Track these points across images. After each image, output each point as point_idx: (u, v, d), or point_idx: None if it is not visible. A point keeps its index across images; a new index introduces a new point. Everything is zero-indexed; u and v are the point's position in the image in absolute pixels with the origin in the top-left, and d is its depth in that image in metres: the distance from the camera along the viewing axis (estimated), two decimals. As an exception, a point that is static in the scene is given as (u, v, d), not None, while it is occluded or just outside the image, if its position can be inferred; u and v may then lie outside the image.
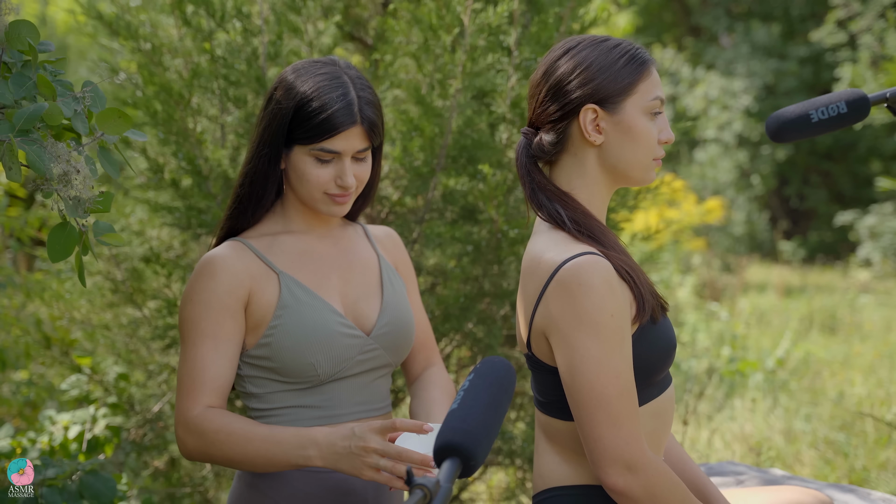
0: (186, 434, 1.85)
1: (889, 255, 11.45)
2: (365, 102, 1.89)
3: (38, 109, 1.48)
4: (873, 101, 1.96)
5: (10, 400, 3.85)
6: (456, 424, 1.28)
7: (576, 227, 1.76)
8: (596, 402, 1.67)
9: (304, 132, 1.87)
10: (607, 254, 1.74)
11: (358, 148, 1.90)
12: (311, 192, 1.92)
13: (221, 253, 1.93)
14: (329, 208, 1.94)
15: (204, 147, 2.98)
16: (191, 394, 1.86)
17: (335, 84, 1.89)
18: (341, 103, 1.86)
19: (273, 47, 2.94)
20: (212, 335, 1.88)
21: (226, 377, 1.89)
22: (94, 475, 2.38)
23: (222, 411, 1.86)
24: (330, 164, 1.90)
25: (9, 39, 1.53)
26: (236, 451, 1.82)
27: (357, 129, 1.88)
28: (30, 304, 3.78)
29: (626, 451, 1.66)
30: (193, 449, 1.86)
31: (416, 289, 2.14)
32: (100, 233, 1.61)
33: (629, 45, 1.81)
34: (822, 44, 13.50)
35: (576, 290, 1.68)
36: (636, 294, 1.73)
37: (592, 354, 1.67)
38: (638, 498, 1.68)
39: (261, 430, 1.82)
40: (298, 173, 1.91)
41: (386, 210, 3.12)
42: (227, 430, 1.82)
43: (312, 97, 1.87)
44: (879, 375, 6.08)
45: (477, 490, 3.95)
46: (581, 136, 1.79)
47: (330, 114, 1.86)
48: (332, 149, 1.88)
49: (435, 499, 1.20)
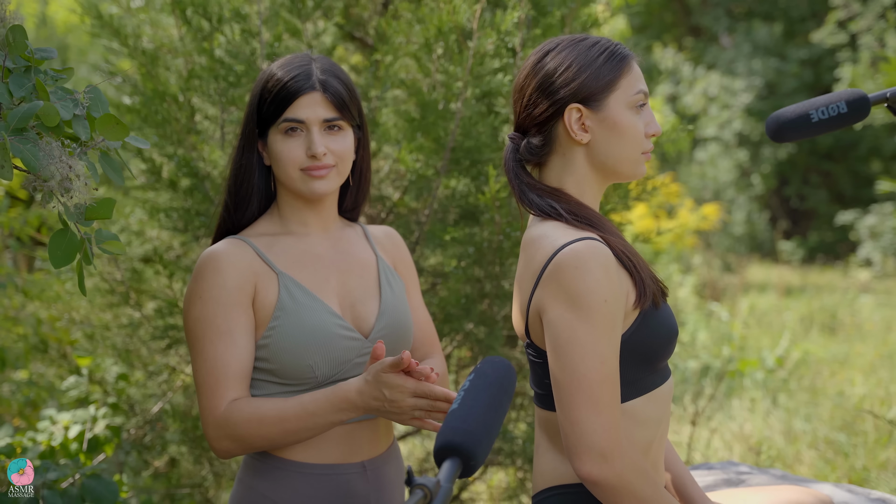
0: (219, 433, 1.85)
1: (889, 254, 11.45)
2: (326, 73, 1.94)
3: (32, 108, 1.48)
4: (873, 101, 1.96)
5: (10, 400, 3.85)
6: (456, 424, 1.28)
7: (572, 216, 1.77)
8: (577, 384, 1.67)
9: (269, 108, 1.92)
10: (607, 239, 1.74)
11: (323, 116, 1.92)
12: (287, 171, 1.93)
13: (224, 248, 1.93)
14: (308, 185, 1.94)
15: (202, 148, 2.97)
16: (215, 392, 1.85)
17: (294, 59, 1.96)
18: (299, 72, 1.92)
19: (271, 48, 2.94)
20: (227, 331, 1.87)
21: (248, 368, 1.88)
22: (96, 478, 2.38)
23: (247, 399, 1.85)
24: (300, 138, 1.92)
25: (9, 45, 1.53)
26: (273, 433, 1.83)
27: (317, 95, 1.91)
28: (29, 304, 3.78)
29: (602, 438, 1.66)
30: (231, 445, 1.85)
31: (416, 287, 2.14)
32: (102, 240, 1.61)
33: (608, 42, 1.82)
34: (823, 44, 13.50)
35: (573, 272, 1.68)
36: (636, 279, 1.74)
37: (580, 337, 1.67)
38: (612, 486, 1.68)
39: (292, 407, 1.83)
40: (275, 156, 1.94)
41: (386, 211, 3.12)
42: (258, 417, 1.83)
43: (274, 74, 1.94)
44: (879, 375, 6.08)
45: (477, 490, 3.95)
46: (568, 135, 1.80)
47: (287, 82, 1.91)
48: (294, 117, 1.91)
49: (435, 499, 1.20)
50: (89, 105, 1.58)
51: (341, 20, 3.22)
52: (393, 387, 1.76)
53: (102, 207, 1.59)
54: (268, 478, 1.92)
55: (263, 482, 1.92)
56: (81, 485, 2.35)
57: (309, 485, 1.91)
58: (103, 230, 1.62)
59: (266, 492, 1.92)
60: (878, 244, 11.58)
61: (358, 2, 3.34)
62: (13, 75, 1.53)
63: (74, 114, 1.55)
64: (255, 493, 1.93)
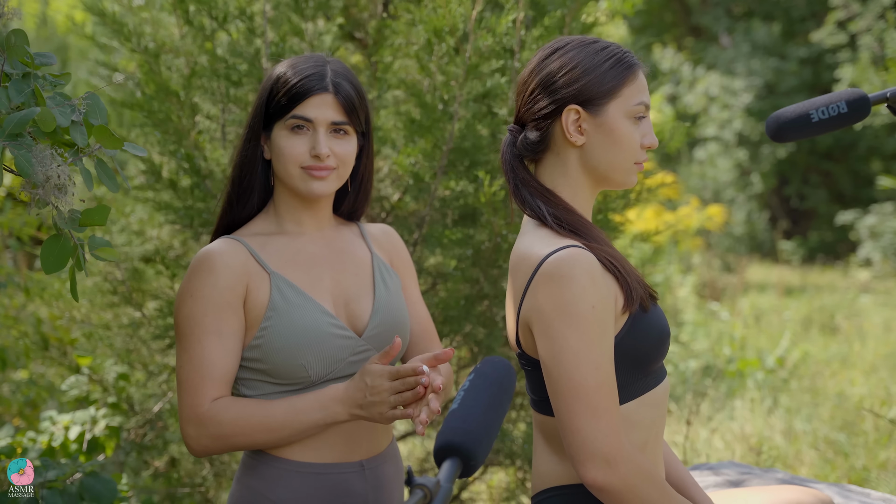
0: (199, 430, 1.85)
1: (889, 255, 11.45)
2: (339, 76, 1.94)
3: (28, 114, 1.48)
4: (873, 101, 1.96)
5: (10, 400, 3.85)
6: (456, 424, 1.28)
7: (557, 222, 1.78)
8: (574, 393, 1.67)
9: (278, 103, 1.92)
10: (591, 246, 1.75)
11: (332, 118, 1.92)
12: (287, 167, 1.93)
13: (218, 248, 1.93)
14: (307, 185, 1.93)
15: (203, 146, 2.97)
16: (199, 390, 1.86)
17: (309, 59, 1.96)
18: (313, 72, 1.92)
19: (276, 48, 2.94)
20: (215, 331, 1.87)
21: (232, 370, 1.89)
22: (95, 477, 2.38)
23: (232, 399, 1.86)
24: (305, 136, 1.92)
25: (8, 50, 1.53)
26: (259, 433, 1.84)
27: (329, 97, 1.91)
28: (30, 304, 3.79)
29: (604, 444, 1.66)
30: (210, 444, 1.86)
31: (414, 283, 2.14)
32: (95, 247, 1.61)
33: (617, 48, 1.82)
34: (823, 44, 13.50)
35: (558, 281, 1.69)
36: (622, 284, 1.74)
37: (572, 345, 1.67)
38: (618, 492, 1.68)
39: (278, 406, 1.84)
40: (277, 151, 1.94)
41: (386, 211, 3.12)
42: (244, 416, 1.84)
43: (286, 72, 1.94)
44: (879, 375, 6.08)
45: (477, 490, 3.95)
46: (563, 135, 1.81)
47: (300, 80, 1.91)
48: (303, 115, 1.90)
49: (435, 499, 1.20)
50: (87, 111, 1.58)
51: (341, 20, 3.22)
52: (373, 374, 1.78)
53: (97, 214, 1.59)
54: (266, 477, 1.92)
55: (262, 482, 1.92)
56: (80, 483, 2.35)
57: (307, 484, 1.91)
58: (96, 236, 1.62)
59: (264, 491, 1.92)
60: (878, 244, 11.58)
61: (358, 2, 3.34)
62: (13, 81, 1.53)
63: (72, 120, 1.55)
64: (253, 493, 1.93)
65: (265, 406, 1.85)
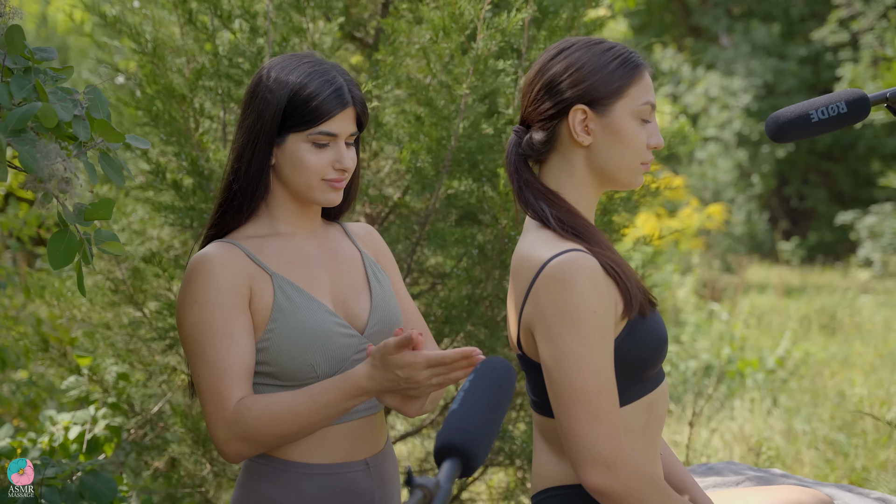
0: (229, 435, 1.82)
1: (889, 254, 11.45)
2: (353, 86, 1.94)
3: (30, 109, 1.48)
4: (873, 101, 1.95)
5: (10, 400, 3.85)
6: (456, 425, 1.28)
7: (560, 224, 1.78)
8: (575, 397, 1.67)
9: (300, 118, 1.90)
10: (593, 250, 1.74)
11: (350, 131, 1.93)
12: (308, 180, 1.92)
13: (214, 252, 1.91)
14: (326, 195, 1.94)
15: (205, 147, 2.97)
16: (221, 394, 1.83)
17: (322, 70, 1.94)
18: (333, 87, 1.91)
19: (279, 47, 2.94)
20: (227, 332, 1.85)
21: (250, 367, 1.86)
22: (94, 475, 2.37)
23: (255, 397, 1.83)
24: (327, 150, 1.91)
25: (9, 45, 1.53)
26: (287, 430, 1.81)
27: (350, 111, 1.92)
28: (30, 304, 3.79)
29: (605, 449, 1.66)
30: (241, 447, 1.83)
31: (399, 279, 2.14)
32: (101, 241, 1.60)
33: (623, 48, 1.82)
34: (824, 43, 13.50)
35: (560, 285, 1.69)
36: (623, 290, 1.74)
37: (573, 350, 1.68)
38: (618, 496, 1.68)
39: (303, 401, 1.81)
40: (295, 162, 1.91)
41: (388, 210, 3.12)
42: (269, 414, 1.81)
43: (304, 84, 1.91)
44: (879, 375, 6.08)
45: (477, 490, 3.95)
46: (570, 136, 1.80)
47: (325, 97, 1.89)
48: (329, 131, 1.90)
49: (435, 499, 1.20)
50: (89, 105, 1.58)
51: (342, 20, 3.22)
52: (404, 366, 1.75)
53: (102, 208, 1.59)
54: (273, 480, 1.91)
55: (269, 485, 1.91)
56: (80, 481, 2.35)
57: (315, 485, 1.90)
58: (103, 230, 1.62)
59: (272, 494, 1.90)
60: (878, 244, 11.59)
61: (358, 2, 3.34)
62: (14, 77, 1.53)
63: (74, 114, 1.55)
64: (260, 497, 1.91)
65: (289, 401, 1.82)
